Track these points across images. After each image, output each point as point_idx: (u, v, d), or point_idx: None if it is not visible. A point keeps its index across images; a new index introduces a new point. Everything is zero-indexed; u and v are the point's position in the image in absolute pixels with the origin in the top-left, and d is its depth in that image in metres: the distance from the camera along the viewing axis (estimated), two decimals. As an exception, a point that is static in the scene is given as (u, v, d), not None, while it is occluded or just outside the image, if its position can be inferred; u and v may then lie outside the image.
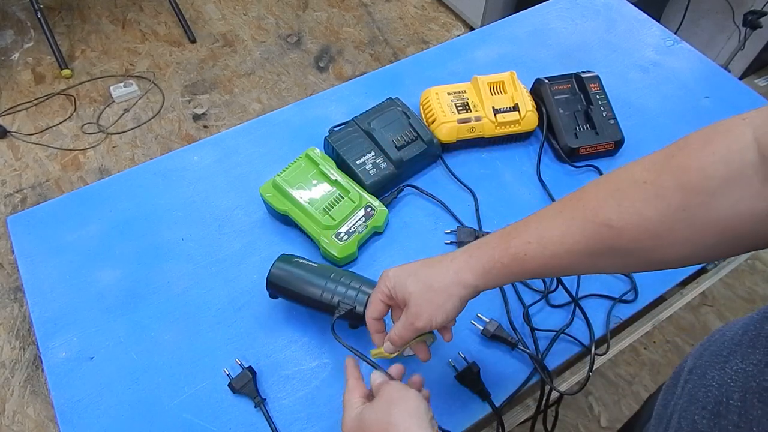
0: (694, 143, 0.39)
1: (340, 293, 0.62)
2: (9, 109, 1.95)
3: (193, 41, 2.20)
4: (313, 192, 0.75)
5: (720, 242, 0.38)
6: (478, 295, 0.51)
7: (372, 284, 0.63)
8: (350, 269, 0.73)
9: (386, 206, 0.77)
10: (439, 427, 0.48)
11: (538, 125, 0.88)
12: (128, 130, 1.93)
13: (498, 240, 0.48)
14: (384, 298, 0.54)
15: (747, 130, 0.37)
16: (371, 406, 0.48)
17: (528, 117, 0.85)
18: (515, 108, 0.85)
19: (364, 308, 0.59)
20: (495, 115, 0.85)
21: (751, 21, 1.73)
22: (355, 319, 0.62)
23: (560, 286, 0.71)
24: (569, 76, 0.90)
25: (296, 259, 0.67)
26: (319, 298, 0.63)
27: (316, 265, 0.66)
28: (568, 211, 0.45)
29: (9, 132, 1.89)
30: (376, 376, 0.52)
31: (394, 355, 0.56)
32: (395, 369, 0.54)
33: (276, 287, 0.66)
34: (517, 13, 1.10)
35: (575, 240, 0.43)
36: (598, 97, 0.87)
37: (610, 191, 0.42)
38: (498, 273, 0.48)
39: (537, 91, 0.90)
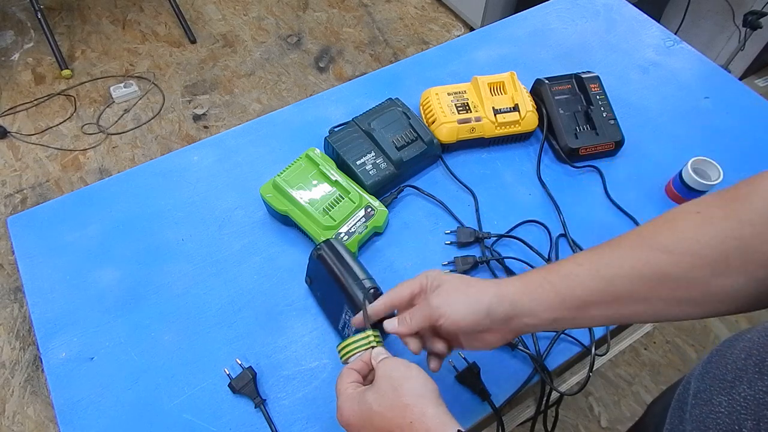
0: (742, 187, 0.42)
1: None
2: (9, 109, 1.95)
3: (193, 42, 2.20)
4: (314, 192, 0.75)
5: None
6: (514, 325, 0.47)
7: None
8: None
9: (386, 206, 0.77)
10: None
11: (538, 125, 0.88)
12: (128, 131, 1.93)
13: (548, 265, 0.48)
14: (414, 285, 0.51)
15: None
16: (374, 389, 0.45)
17: (528, 117, 0.85)
18: (515, 108, 0.85)
19: None
20: (495, 115, 0.85)
21: (751, 21, 1.74)
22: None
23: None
24: (569, 76, 0.90)
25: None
26: (357, 279, 0.61)
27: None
28: (623, 241, 0.45)
29: (9, 132, 1.89)
30: (379, 352, 0.49)
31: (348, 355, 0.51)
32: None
33: (323, 259, 0.64)
34: (517, 14, 1.10)
35: (631, 265, 0.43)
36: (598, 97, 0.87)
37: (663, 221, 0.44)
38: (543, 294, 0.45)
39: (537, 92, 0.90)
